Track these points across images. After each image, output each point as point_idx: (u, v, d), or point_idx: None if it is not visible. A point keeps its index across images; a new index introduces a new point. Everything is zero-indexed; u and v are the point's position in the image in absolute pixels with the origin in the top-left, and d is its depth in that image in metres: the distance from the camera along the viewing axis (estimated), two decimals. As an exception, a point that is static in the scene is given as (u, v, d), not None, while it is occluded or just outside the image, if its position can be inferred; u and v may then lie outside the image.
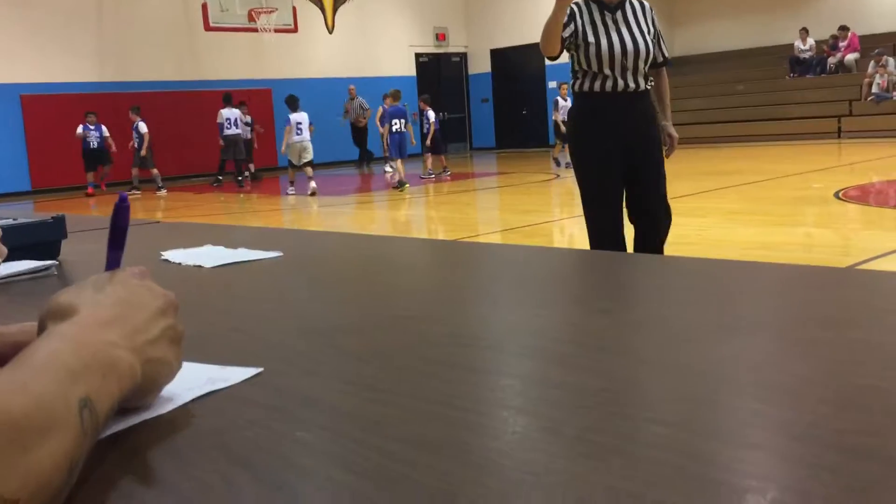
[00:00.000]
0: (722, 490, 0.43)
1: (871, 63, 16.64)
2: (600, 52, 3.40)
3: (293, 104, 12.53)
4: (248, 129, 15.44)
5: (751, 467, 0.46)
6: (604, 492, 0.44)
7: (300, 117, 12.46)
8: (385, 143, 13.50)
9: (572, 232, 7.58)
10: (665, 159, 3.68)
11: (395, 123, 12.51)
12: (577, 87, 3.56)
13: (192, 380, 0.66)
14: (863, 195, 8.44)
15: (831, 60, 18.16)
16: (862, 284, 1.01)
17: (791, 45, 18.71)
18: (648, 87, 3.53)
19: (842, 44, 18.11)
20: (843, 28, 18.02)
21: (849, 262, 5.06)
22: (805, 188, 9.22)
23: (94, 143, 14.31)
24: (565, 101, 13.63)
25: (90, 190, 14.57)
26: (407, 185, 11.98)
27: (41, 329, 0.55)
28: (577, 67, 3.53)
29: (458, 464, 0.48)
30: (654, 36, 3.53)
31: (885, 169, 10.95)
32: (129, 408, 0.56)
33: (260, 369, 0.69)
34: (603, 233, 3.53)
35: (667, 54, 3.65)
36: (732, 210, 7.80)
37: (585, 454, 0.49)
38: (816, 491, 0.42)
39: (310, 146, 12.55)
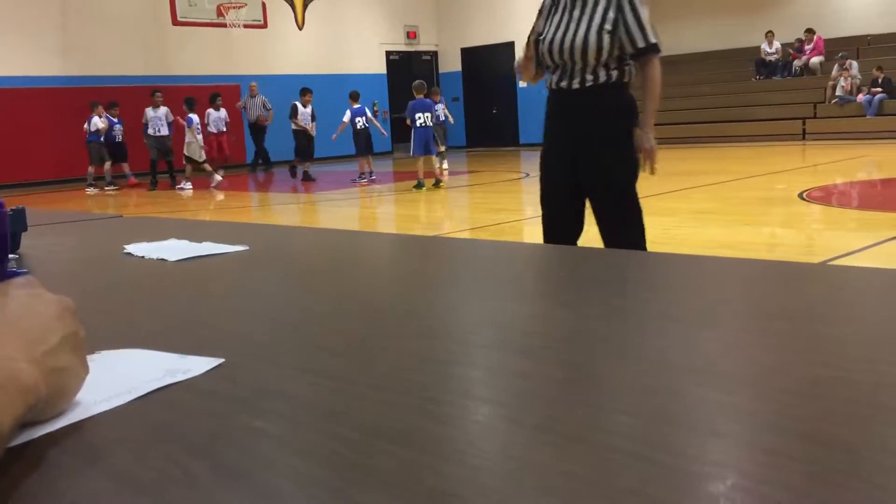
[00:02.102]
0: (682, 477, 0.44)
1: (836, 66, 16.91)
2: (541, 47, 3.21)
3: (191, 106, 13.51)
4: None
5: (712, 455, 0.47)
6: (561, 477, 0.44)
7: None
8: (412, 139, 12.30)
9: (540, 230, 7.60)
10: (648, 173, 3.30)
11: (420, 118, 11.47)
12: None
13: (152, 370, 0.65)
14: (826, 196, 8.57)
15: (797, 63, 18.42)
16: (823, 279, 1.03)
17: (757, 48, 18.95)
18: (602, 83, 3.14)
19: (807, 47, 18.38)
20: (809, 31, 18.29)
21: (812, 261, 5.14)
22: (770, 189, 9.34)
23: (118, 137, 14.26)
24: None
25: (132, 181, 14.44)
26: (424, 187, 11.36)
27: None
28: None
29: (418, 452, 0.48)
30: (614, 24, 3.05)
31: (848, 170, 11.13)
32: (40, 420, 0.54)
33: (221, 360, 0.68)
34: (547, 233, 3.47)
35: (640, 44, 3.08)
36: (698, 210, 7.88)
37: (546, 442, 0.49)
38: (776, 477, 0.43)
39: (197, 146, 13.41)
